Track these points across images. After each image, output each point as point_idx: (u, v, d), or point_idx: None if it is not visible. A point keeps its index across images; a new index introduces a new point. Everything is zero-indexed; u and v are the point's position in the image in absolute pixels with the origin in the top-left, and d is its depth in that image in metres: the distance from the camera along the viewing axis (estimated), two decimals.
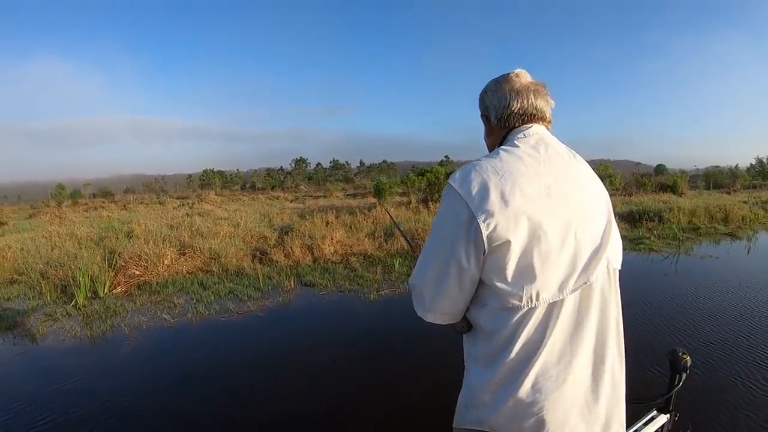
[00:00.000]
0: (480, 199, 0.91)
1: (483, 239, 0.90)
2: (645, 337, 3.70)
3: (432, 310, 1.03)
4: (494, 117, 1.11)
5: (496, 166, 0.95)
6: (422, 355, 3.55)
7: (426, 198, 13.60)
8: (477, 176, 0.94)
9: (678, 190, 17.05)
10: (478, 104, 1.18)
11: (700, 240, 8.27)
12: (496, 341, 0.96)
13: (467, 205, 0.91)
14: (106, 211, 15.68)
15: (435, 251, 0.99)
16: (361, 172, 69.18)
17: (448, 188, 0.98)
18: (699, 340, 3.66)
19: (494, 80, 1.12)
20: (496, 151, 1.02)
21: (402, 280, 5.69)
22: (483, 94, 1.15)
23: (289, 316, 4.59)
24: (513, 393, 0.93)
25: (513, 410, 0.94)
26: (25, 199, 29.47)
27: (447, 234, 0.96)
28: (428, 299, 1.02)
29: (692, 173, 32.52)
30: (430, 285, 1.01)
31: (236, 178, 62.01)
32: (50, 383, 3.27)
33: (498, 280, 0.92)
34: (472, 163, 0.99)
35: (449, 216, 0.96)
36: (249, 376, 3.28)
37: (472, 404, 1.03)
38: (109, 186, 40.77)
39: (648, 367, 3.11)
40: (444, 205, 0.99)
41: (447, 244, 0.95)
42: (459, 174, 0.98)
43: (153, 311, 4.77)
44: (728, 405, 2.67)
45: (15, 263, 6.62)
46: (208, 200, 21.17)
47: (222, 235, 8.16)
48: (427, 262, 1.01)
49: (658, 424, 1.47)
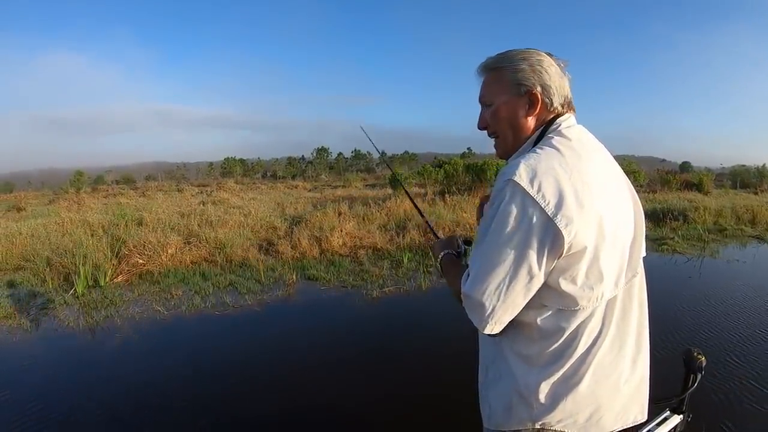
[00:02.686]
0: (557, 202, 0.84)
1: (562, 246, 0.85)
2: (670, 341, 3.33)
3: (492, 321, 0.91)
4: (557, 100, 0.99)
5: (562, 163, 0.88)
6: (421, 357, 3.31)
7: (443, 191, 13.23)
8: (547, 175, 0.86)
9: (704, 189, 16.43)
10: (515, 75, 1.00)
11: (725, 242, 7.74)
12: (557, 341, 0.94)
13: (542, 208, 0.84)
14: (125, 198, 15.89)
15: (500, 259, 0.87)
16: (383, 163, 68.86)
17: (513, 188, 0.86)
18: (720, 343, 3.37)
19: (540, 53, 1.00)
20: (549, 143, 0.94)
21: (409, 277, 5.39)
22: (537, 67, 0.98)
23: (285, 313, 4.38)
24: (575, 388, 0.93)
25: (572, 404, 0.94)
26: (49, 185, 30.30)
27: (516, 240, 0.86)
28: (489, 310, 0.90)
29: (718, 172, 31.16)
30: (492, 295, 0.89)
31: (257, 166, 62.59)
32: (32, 375, 3.18)
33: (567, 284, 0.89)
34: (533, 156, 0.89)
35: (519, 220, 0.85)
36: (234, 375, 3.09)
37: (521, 403, 0.98)
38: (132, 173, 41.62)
39: (668, 367, 2.78)
40: (510, 207, 0.86)
41: (516, 251, 0.86)
42: (524, 171, 0.86)
43: (149, 302, 4.63)
44: (743, 409, 2.57)
45: (24, 250, 6.62)
46: (226, 188, 21.27)
47: (231, 225, 8.02)
48: (488, 271, 0.89)
49: (671, 424, 1.42)
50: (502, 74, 1.01)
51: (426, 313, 4.35)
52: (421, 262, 6.12)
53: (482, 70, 1.06)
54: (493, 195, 0.92)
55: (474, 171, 13.31)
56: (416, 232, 7.55)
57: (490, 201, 0.93)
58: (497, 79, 1.02)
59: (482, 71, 1.06)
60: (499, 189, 0.89)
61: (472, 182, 13.19)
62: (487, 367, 1.08)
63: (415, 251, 6.67)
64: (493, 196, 0.91)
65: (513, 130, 1.02)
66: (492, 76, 1.04)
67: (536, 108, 0.99)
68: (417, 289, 4.91)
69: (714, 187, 18.21)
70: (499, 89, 1.02)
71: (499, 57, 1.03)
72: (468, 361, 1.47)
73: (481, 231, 0.93)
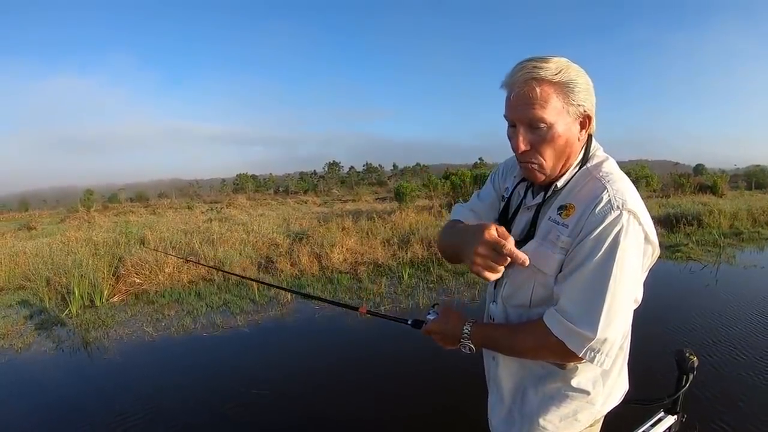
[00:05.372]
0: (649, 221, 0.89)
1: (651, 258, 0.94)
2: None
3: (614, 354, 0.87)
4: (594, 120, 0.93)
5: (629, 181, 0.92)
6: (407, 380, 3.14)
7: (450, 203, 13.06)
8: (638, 197, 0.89)
9: (718, 191, 15.97)
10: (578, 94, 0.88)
11: (742, 246, 7.41)
12: (625, 341, 1.02)
13: (645, 231, 0.87)
14: (134, 216, 16.07)
15: (627, 293, 0.85)
16: (395, 176, 68.86)
17: (629, 217, 0.84)
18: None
19: (577, 66, 0.90)
20: (608, 165, 0.94)
21: (408, 294, 5.22)
22: (590, 86, 0.90)
23: (273, 334, 4.24)
24: (621, 373, 1.04)
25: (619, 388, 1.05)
26: (64, 203, 30.94)
27: (636, 268, 0.86)
28: (617, 345, 0.87)
29: (732, 173, 30.42)
30: (621, 330, 0.86)
31: (269, 182, 63.17)
32: (11, 396, 3.14)
33: (641, 287, 0.95)
34: (619, 178, 0.90)
35: (638, 248, 0.86)
36: (213, 400, 2.96)
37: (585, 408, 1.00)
38: (147, 190, 42.32)
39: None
40: (631, 236, 0.84)
41: (636, 279, 0.88)
42: (633, 199, 0.86)
43: (140, 323, 4.56)
44: (737, 407, 2.62)
45: (26, 269, 6.65)
46: (236, 204, 21.41)
47: (232, 242, 7.97)
48: (621, 310, 0.84)
49: (665, 425, 1.45)
50: (563, 91, 0.86)
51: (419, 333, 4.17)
52: (422, 277, 5.96)
53: (534, 81, 0.85)
54: (602, 225, 0.83)
55: (482, 182, 13.13)
56: (419, 246, 7.40)
57: (588, 230, 0.84)
58: (558, 96, 0.86)
59: (534, 82, 0.85)
60: (613, 219, 0.83)
61: None
62: (525, 390, 1.04)
63: (417, 266, 6.51)
64: (602, 226, 0.83)
65: (567, 156, 0.92)
66: (550, 91, 0.85)
67: (582, 131, 0.92)
68: (414, 308, 4.73)
69: (729, 189, 17.75)
70: (559, 109, 0.86)
71: (556, 67, 0.85)
72: (457, 385, 1.37)
73: (594, 264, 0.84)
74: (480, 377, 1.24)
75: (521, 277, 0.98)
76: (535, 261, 0.91)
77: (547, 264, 0.91)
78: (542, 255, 0.91)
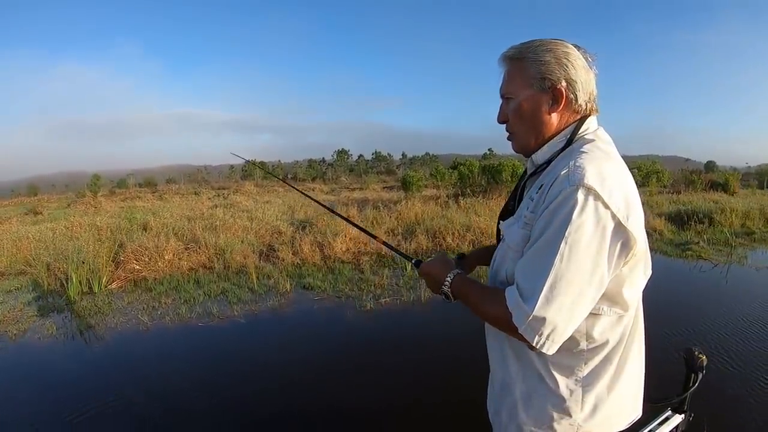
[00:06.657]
0: (625, 206, 0.82)
1: (630, 252, 0.84)
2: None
3: (560, 339, 0.83)
4: (582, 98, 0.93)
5: (615, 165, 0.87)
6: (405, 374, 3.01)
7: (457, 193, 12.85)
8: (612, 178, 0.83)
9: (730, 189, 15.54)
10: (539, 67, 0.93)
11: (754, 246, 7.15)
12: (603, 348, 0.92)
13: (614, 214, 0.80)
14: (141, 202, 16.07)
15: (574, 271, 0.80)
16: (404, 165, 68.47)
17: (586, 193, 0.79)
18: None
19: (567, 45, 0.94)
20: (593, 145, 0.90)
21: (410, 286, 5.08)
22: (563, 60, 0.92)
23: (269, 325, 4.14)
24: (614, 391, 0.94)
25: (610, 407, 0.94)
26: (73, 188, 31.18)
27: (592, 250, 0.80)
28: (560, 328, 0.82)
29: (744, 171, 29.78)
30: (564, 312, 0.81)
31: (278, 169, 63.13)
32: None
33: (627, 290, 0.88)
34: (589, 158, 0.85)
35: (594, 228, 0.80)
36: (201, 392, 2.88)
37: (563, 418, 0.94)
38: (156, 176, 42.54)
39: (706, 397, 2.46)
40: (584, 214, 0.79)
41: (591, 262, 0.81)
42: (594, 175, 0.81)
43: (136, 312, 4.49)
44: (746, 407, 2.56)
45: (28, 254, 6.62)
46: (243, 191, 21.35)
47: (235, 229, 7.88)
48: (561, 286, 0.81)
49: (672, 424, 1.43)
50: (525, 66, 0.95)
51: (420, 326, 4.05)
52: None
53: (503, 61, 1.00)
54: (555, 200, 0.82)
55: (490, 172, 12.87)
56: (424, 237, 7.26)
57: (545, 205, 0.84)
58: (520, 71, 0.96)
59: (503, 61, 1.00)
60: (567, 194, 0.80)
61: (487, 184, 12.75)
62: (510, 384, 1.00)
63: (421, 257, 6.35)
64: (555, 201, 0.82)
65: (535, 126, 0.96)
66: (514, 68, 0.97)
67: (560, 104, 0.93)
68: (416, 301, 4.58)
69: (740, 187, 17.30)
70: (521, 82, 0.95)
71: (522, 47, 0.96)
72: (454, 377, 1.27)
73: (543, 239, 0.83)
74: (483, 369, 1.18)
75: (500, 254, 1.04)
76: (508, 237, 0.98)
77: (514, 239, 0.94)
78: (513, 231, 0.95)
